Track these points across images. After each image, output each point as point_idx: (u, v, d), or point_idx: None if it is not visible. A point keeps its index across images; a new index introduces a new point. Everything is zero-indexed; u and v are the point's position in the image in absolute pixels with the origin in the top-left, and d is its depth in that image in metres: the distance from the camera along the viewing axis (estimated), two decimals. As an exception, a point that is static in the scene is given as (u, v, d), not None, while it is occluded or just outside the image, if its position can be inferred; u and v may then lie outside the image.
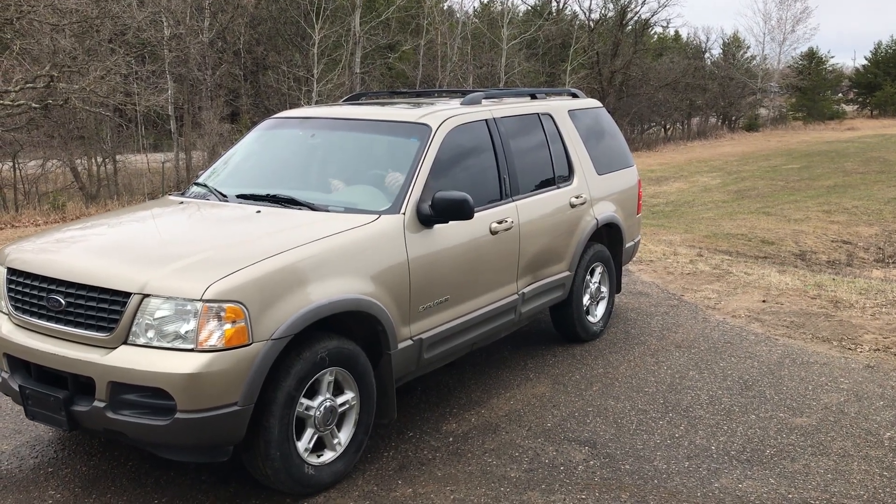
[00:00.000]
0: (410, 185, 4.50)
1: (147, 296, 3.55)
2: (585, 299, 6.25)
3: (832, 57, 63.17)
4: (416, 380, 5.43)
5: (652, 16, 43.76)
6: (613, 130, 6.85)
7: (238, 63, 27.15)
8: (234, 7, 25.64)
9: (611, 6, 42.46)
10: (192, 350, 3.49)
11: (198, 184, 5.23)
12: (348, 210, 4.45)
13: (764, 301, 7.54)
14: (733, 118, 49.29)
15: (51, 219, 18.07)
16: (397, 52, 31.22)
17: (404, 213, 4.39)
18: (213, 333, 3.49)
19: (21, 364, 3.96)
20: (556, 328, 6.29)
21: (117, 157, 24.66)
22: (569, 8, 42.21)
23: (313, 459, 3.94)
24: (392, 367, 4.28)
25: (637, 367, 5.73)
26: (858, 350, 6.15)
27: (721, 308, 7.28)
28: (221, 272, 3.59)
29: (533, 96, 6.14)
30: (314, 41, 26.41)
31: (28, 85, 17.58)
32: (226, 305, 3.50)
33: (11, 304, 4.05)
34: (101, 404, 3.57)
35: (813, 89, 54.25)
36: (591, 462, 4.31)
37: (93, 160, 24.00)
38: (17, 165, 21.84)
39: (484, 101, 5.47)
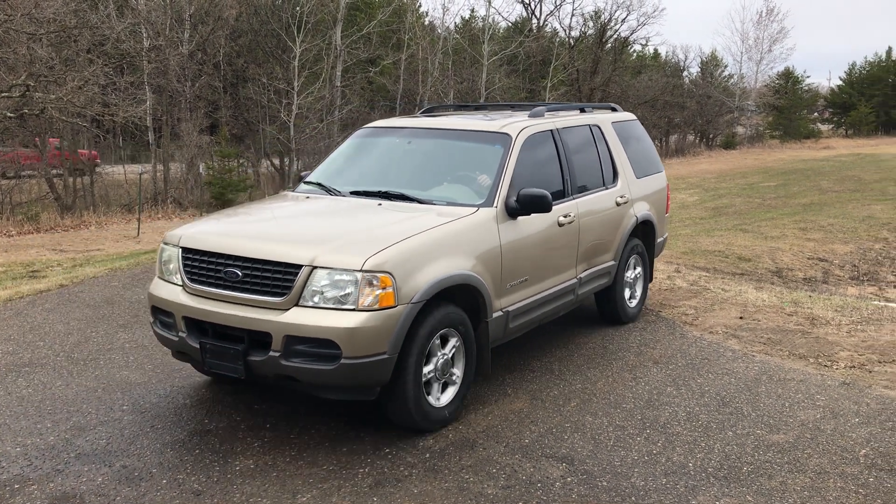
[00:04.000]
0: (499, 183, 5.41)
1: (315, 267, 4.41)
2: (626, 287, 7.15)
3: (808, 77, 64.20)
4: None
5: (631, 34, 44.18)
6: (647, 140, 7.85)
7: (218, 75, 27.00)
8: (215, 19, 25.53)
9: (591, 24, 42.87)
10: (353, 310, 4.36)
11: (309, 182, 6.10)
12: (450, 204, 5.33)
13: (741, 317, 7.57)
14: (711, 136, 49.76)
15: (24, 230, 17.82)
16: (378, 67, 31.23)
17: (496, 207, 5.29)
18: (370, 296, 4.37)
19: (196, 325, 4.73)
20: (600, 311, 7.20)
21: (95, 168, 24.40)
22: (549, 25, 42.40)
23: (433, 402, 4.82)
24: (489, 332, 5.17)
25: (615, 383, 5.72)
26: (834, 367, 6.18)
27: (698, 324, 7.30)
28: (374, 248, 4.46)
29: (581, 110, 7.07)
30: (295, 54, 26.36)
31: (3, 94, 17.38)
32: (379, 275, 4.38)
33: (187, 277, 4.82)
34: (277, 354, 4.39)
35: (789, 108, 54.94)
36: (569, 479, 4.28)
37: (69, 171, 23.71)
38: (-9, 175, 21.53)
39: (546, 114, 6.40)
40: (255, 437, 4.76)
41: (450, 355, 4.91)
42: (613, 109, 7.64)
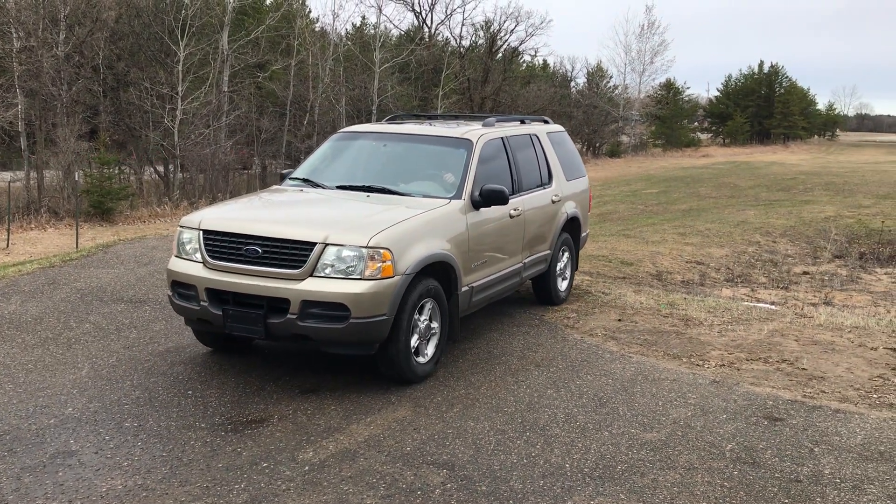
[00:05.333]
0: (466, 180, 6.46)
1: (328, 245, 5.35)
2: (558, 272, 8.22)
3: (688, 88, 67.04)
4: (272, 408, 5.30)
5: (520, 44, 45.02)
6: (573, 148, 9.07)
7: (97, 79, 25.86)
8: (93, 21, 24.46)
9: (481, 34, 43.47)
10: (359, 279, 5.31)
11: (294, 178, 7.03)
12: (426, 196, 6.34)
13: (620, 320, 7.80)
14: (597, 144, 51.29)
15: None
16: (267, 72, 30.66)
17: (464, 199, 6.34)
18: (374, 268, 5.32)
19: (216, 295, 5.54)
20: (536, 294, 8.29)
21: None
22: (440, 34, 42.75)
23: (418, 359, 5.81)
24: (458, 303, 6.15)
25: (497, 387, 5.78)
26: (706, 366, 6.45)
27: (579, 327, 7.48)
28: (376, 229, 5.45)
29: (522, 121, 8.19)
30: (179, 58, 25.57)
31: None
32: (381, 250, 5.35)
33: (208, 255, 5.66)
34: (294, 316, 5.29)
35: (671, 118, 57.31)
36: (449, 485, 4.28)
37: (-69, 179, 22.20)
38: None
39: (496, 124, 7.45)
40: (125, 456, 4.54)
41: (430, 320, 5.89)
42: (546, 121, 8.79)
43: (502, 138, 7.28)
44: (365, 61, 33.88)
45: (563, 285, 8.43)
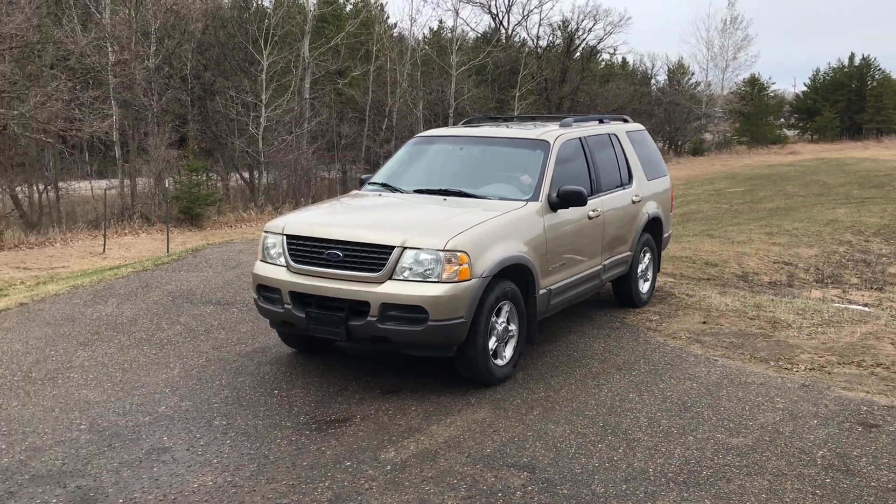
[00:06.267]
0: (542, 181, 6.40)
1: (406, 248, 5.40)
2: (639, 275, 8.07)
3: (773, 83, 65.14)
4: (355, 408, 5.39)
5: (598, 43, 44.61)
6: (654, 147, 8.85)
7: (185, 89, 26.84)
8: (181, 33, 25.39)
9: (558, 34, 43.20)
10: (437, 282, 5.35)
11: (373, 182, 7.13)
12: (502, 199, 6.31)
13: (704, 322, 7.63)
14: (679, 143, 50.29)
15: (-13, 248, 17.53)
16: (347, 78, 31.21)
17: (541, 201, 6.28)
18: (451, 271, 5.35)
19: (299, 298, 5.68)
20: (616, 297, 8.16)
21: (60, 184, 24.10)
22: (517, 35, 42.68)
23: (497, 361, 5.82)
24: (536, 306, 6.12)
25: (578, 391, 5.74)
26: (794, 369, 6.25)
27: (662, 330, 7.35)
28: (453, 232, 5.47)
29: (600, 121, 8.03)
30: (262, 67, 26.27)
31: (-35, 111, 17.12)
32: (458, 253, 5.38)
33: (291, 258, 5.80)
34: (374, 319, 5.38)
35: (756, 115, 55.71)
36: (530, 488, 4.28)
37: (34, 187, 23.42)
38: (-47, 193, 21.19)
39: (573, 124, 7.35)
40: (215, 454, 4.70)
41: (507, 323, 5.88)
42: (625, 120, 8.60)
43: (580, 138, 7.19)
44: (442, 65, 34.11)
45: (644, 287, 8.27)
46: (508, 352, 5.94)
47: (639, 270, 8.07)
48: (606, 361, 6.41)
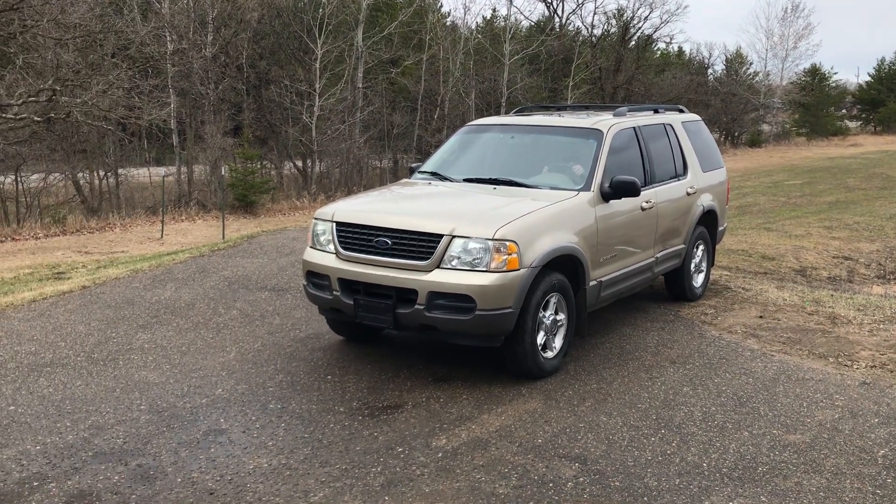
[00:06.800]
0: (595, 171, 6.28)
1: (454, 237, 5.35)
2: (693, 268, 7.95)
3: (835, 73, 63.20)
4: (407, 395, 5.43)
5: (654, 32, 43.90)
6: (710, 138, 8.65)
7: (241, 78, 27.20)
8: (238, 22, 25.72)
9: (613, 22, 42.64)
10: (485, 271, 5.28)
11: (423, 171, 7.04)
12: (553, 188, 6.22)
13: (761, 317, 7.49)
14: (736, 134, 49.30)
15: (51, 232, 18.08)
16: (400, 67, 31.27)
17: (593, 191, 6.17)
18: (499, 260, 5.28)
19: (348, 285, 5.68)
20: (669, 290, 8.02)
21: (119, 170, 24.69)
22: (571, 24, 42.23)
23: (544, 353, 5.73)
24: (586, 298, 6.02)
25: (630, 383, 5.69)
26: (854, 366, 6.10)
27: (717, 324, 7.24)
28: (502, 222, 5.39)
29: (655, 111, 7.90)
30: (316, 56, 26.49)
31: (31, 99, 17.63)
32: (507, 243, 5.30)
33: (341, 246, 5.80)
34: (421, 307, 5.34)
35: (816, 105, 54.23)
36: (581, 479, 4.26)
37: (95, 174, 24.04)
38: (19, 179, 21.87)
39: (627, 114, 7.24)
40: (270, 436, 4.79)
41: (556, 314, 5.80)
42: (681, 111, 8.44)
43: (634, 128, 7.04)
44: (495, 54, 33.95)
45: (698, 281, 8.12)
46: (557, 344, 5.87)
47: (692, 264, 7.94)
48: (660, 354, 6.34)
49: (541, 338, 5.68)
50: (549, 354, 5.79)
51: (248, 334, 6.85)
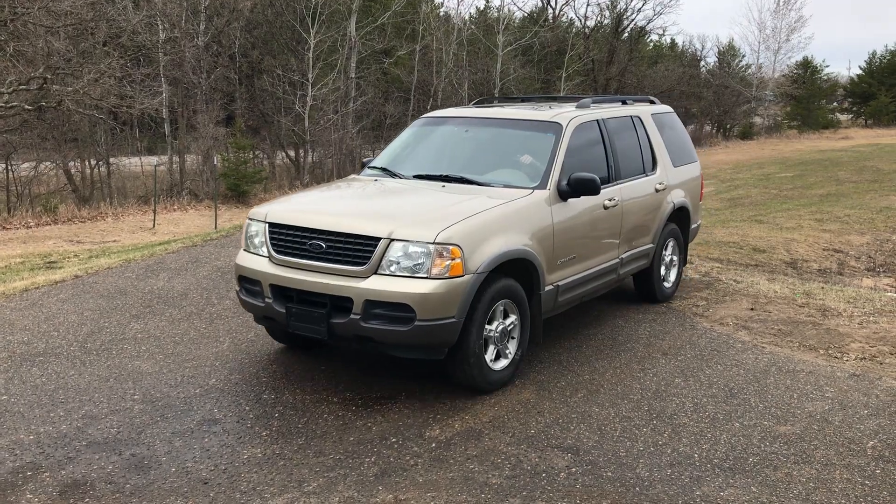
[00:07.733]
0: (552, 167, 5.86)
1: (393, 240, 4.91)
2: (662, 268, 7.59)
3: (827, 66, 63.20)
4: (400, 385, 5.45)
5: (647, 23, 43.83)
6: (682, 131, 8.22)
7: (233, 67, 27.11)
8: (230, 11, 25.61)
9: (607, 13, 42.59)
10: (426, 277, 4.86)
11: (372, 167, 6.63)
12: (507, 186, 5.79)
13: (752, 309, 7.54)
14: (728, 126, 49.37)
15: (42, 221, 18.01)
16: (393, 58, 31.21)
17: (549, 189, 5.75)
18: (441, 266, 4.85)
19: (281, 292, 5.26)
20: (638, 291, 7.62)
21: (111, 159, 24.59)
22: (564, 15, 42.20)
23: (493, 365, 5.29)
24: (541, 303, 5.62)
25: (623, 374, 5.72)
26: (844, 358, 6.15)
27: (709, 315, 7.28)
28: (444, 224, 4.95)
29: (623, 102, 7.46)
30: (309, 46, 26.39)
31: (21, 87, 17.54)
32: (450, 247, 4.87)
33: (273, 249, 5.36)
34: (357, 317, 4.91)
35: (808, 98, 54.33)
36: (574, 469, 4.30)
37: (86, 163, 23.94)
38: (9, 167, 21.76)
39: (591, 106, 6.77)
40: (264, 426, 4.81)
41: (507, 323, 5.38)
42: (652, 102, 8.01)
43: (598, 121, 6.60)
44: (488, 45, 33.92)
45: (669, 281, 7.76)
46: (508, 354, 5.44)
47: (662, 264, 7.60)
48: (652, 346, 6.37)
49: (490, 349, 5.30)
50: (500, 365, 5.37)
51: (241, 324, 6.85)
